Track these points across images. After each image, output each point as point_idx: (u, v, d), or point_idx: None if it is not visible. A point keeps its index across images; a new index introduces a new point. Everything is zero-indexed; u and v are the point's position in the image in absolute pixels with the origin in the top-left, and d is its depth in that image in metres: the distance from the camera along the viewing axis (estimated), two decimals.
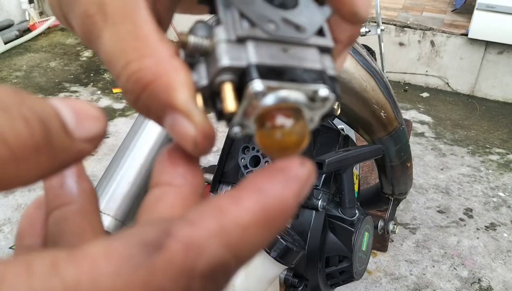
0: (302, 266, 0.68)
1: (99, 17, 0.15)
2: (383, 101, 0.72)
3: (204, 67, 0.16)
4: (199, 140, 0.15)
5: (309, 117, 0.16)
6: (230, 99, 0.15)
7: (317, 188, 0.70)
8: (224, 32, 0.16)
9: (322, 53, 0.17)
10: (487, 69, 2.58)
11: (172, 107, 0.15)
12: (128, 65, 0.15)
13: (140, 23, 0.15)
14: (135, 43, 0.15)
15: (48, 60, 2.85)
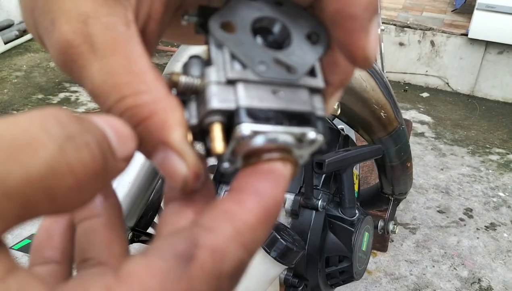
0: (302, 266, 0.68)
1: (85, 48, 0.15)
2: (383, 101, 0.72)
3: (195, 105, 0.17)
4: (190, 180, 0.16)
5: (298, 155, 0.17)
6: (218, 141, 0.16)
7: (317, 188, 0.70)
8: (215, 73, 0.16)
9: (312, 93, 0.17)
10: (487, 69, 2.58)
11: (166, 145, 0.15)
12: (123, 101, 0.15)
13: (134, 58, 0.15)
14: (129, 78, 0.15)
15: (48, 60, 2.85)
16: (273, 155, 0.16)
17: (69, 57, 0.15)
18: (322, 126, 0.17)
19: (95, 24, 0.15)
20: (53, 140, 0.11)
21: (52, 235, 0.18)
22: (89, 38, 0.15)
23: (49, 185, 0.11)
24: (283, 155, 0.16)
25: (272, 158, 0.16)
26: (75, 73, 0.16)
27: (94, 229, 0.17)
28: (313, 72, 0.17)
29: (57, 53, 0.15)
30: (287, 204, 0.68)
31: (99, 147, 0.12)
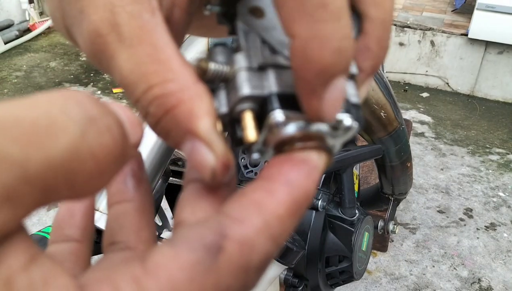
0: (302, 266, 0.68)
1: (113, 38, 0.15)
2: (383, 101, 0.72)
3: (224, 94, 0.16)
4: (218, 171, 0.15)
5: (331, 144, 0.16)
6: (250, 129, 0.15)
7: (317, 188, 0.70)
8: (245, 60, 0.16)
9: None
10: (487, 69, 2.58)
11: (194, 134, 0.15)
12: (150, 90, 0.15)
13: (160, 46, 0.15)
14: (156, 67, 0.15)
15: (48, 60, 2.85)
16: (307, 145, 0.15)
17: (97, 46, 0.15)
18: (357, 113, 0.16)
19: (120, 13, 0.15)
20: (74, 123, 0.11)
21: (74, 214, 0.18)
22: (116, 28, 0.15)
23: (70, 170, 0.11)
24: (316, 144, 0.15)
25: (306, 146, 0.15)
26: (104, 64, 0.15)
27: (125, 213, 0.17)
28: None
29: (86, 44, 0.15)
30: None
31: (119, 131, 0.12)
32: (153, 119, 0.15)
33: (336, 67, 0.14)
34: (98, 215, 0.61)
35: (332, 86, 0.14)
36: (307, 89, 0.14)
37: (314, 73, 0.14)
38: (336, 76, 0.14)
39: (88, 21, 0.15)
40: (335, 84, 0.14)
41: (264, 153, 0.16)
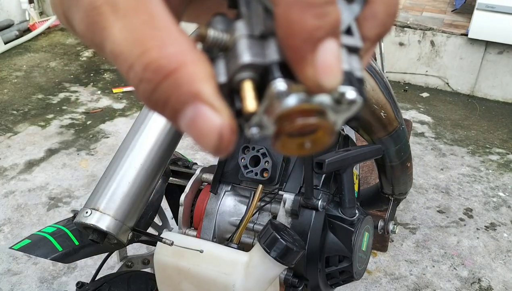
0: (302, 266, 0.68)
1: (107, 8, 0.14)
2: (383, 101, 0.72)
3: (223, 63, 0.15)
4: (226, 134, 0.14)
5: (333, 120, 0.15)
6: (250, 99, 0.14)
7: (317, 188, 0.70)
8: (246, 27, 0.15)
9: (349, 53, 0.15)
10: (487, 69, 2.58)
11: (198, 98, 0.14)
12: (146, 53, 0.14)
13: (157, 14, 0.14)
14: (154, 32, 0.14)
15: (48, 60, 2.85)
16: (309, 120, 0.14)
17: (91, 19, 0.14)
18: (360, 87, 0.15)
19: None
20: None
21: None
22: None
23: None
24: (317, 121, 0.14)
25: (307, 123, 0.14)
26: (97, 37, 0.15)
27: None
28: (349, 31, 0.16)
29: (81, 18, 0.15)
30: (287, 204, 0.68)
31: None
32: (149, 86, 0.14)
33: (321, 30, 0.14)
34: (98, 215, 0.61)
35: (322, 50, 0.14)
36: (297, 57, 0.14)
37: (300, 39, 0.14)
38: (323, 39, 0.14)
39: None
40: (325, 47, 0.14)
41: (264, 127, 0.15)
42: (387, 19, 0.17)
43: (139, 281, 0.75)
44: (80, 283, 0.73)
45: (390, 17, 0.17)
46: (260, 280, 0.60)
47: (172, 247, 0.62)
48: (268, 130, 0.15)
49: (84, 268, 1.35)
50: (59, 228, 0.65)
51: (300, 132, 0.15)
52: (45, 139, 2.03)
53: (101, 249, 0.67)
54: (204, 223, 0.73)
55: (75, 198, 1.67)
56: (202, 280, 0.61)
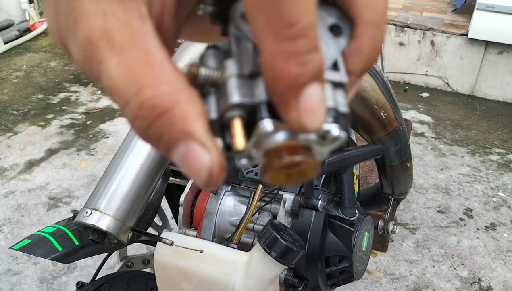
0: (302, 266, 0.68)
1: (104, 43, 0.15)
2: (383, 101, 0.72)
3: (214, 99, 0.16)
4: (215, 171, 0.15)
5: (318, 152, 0.16)
6: (239, 137, 0.15)
7: (317, 187, 0.70)
8: (236, 66, 0.16)
9: (335, 88, 0.16)
10: (487, 69, 2.58)
11: (190, 136, 0.15)
12: (142, 91, 0.14)
13: (152, 51, 0.15)
14: (148, 70, 0.15)
15: (48, 60, 2.85)
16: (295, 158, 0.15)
17: (88, 53, 0.15)
18: (345, 123, 0.16)
19: (112, 20, 0.15)
20: None
21: None
22: (107, 34, 0.15)
23: None
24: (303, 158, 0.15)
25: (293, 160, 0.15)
26: (94, 69, 0.15)
27: None
28: (336, 66, 0.17)
29: (78, 51, 0.15)
30: (287, 204, 0.68)
31: None
32: (144, 123, 0.15)
33: (304, 77, 0.14)
34: (98, 215, 0.61)
35: (305, 95, 0.14)
36: (281, 101, 0.15)
37: (283, 86, 0.14)
38: (306, 85, 0.14)
39: (82, 28, 0.15)
40: (308, 92, 0.14)
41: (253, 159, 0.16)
42: (372, 54, 0.17)
43: (139, 281, 0.75)
44: (80, 283, 0.73)
45: (374, 52, 0.17)
46: (260, 280, 0.60)
47: (172, 247, 0.62)
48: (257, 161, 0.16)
49: (84, 268, 1.35)
50: (59, 228, 0.65)
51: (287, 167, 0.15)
52: (45, 139, 2.04)
53: (101, 249, 0.67)
54: (204, 223, 0.73)
55: (75, 198, 1.67)
56: (202, 280, 0.61)
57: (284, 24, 0.14)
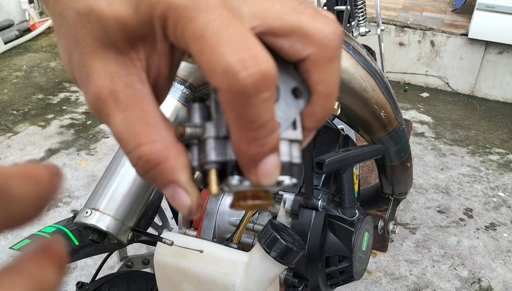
0: (302, 266, 0.67)
1: (111, 101, 0.19)
2: (383, 101, 0.72)
3: (196, 150, 0.21)
4: (193, 209, 0.20)
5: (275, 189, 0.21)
6: (214, 184, 0.20)
7: (317, 187, 0.70)
8: (214, 129, 0.20)
9: (291, 143, 0.21)
10: (487, 69, 2.57)
11: (175, 184, 0.20)
12: (140, 147, 0.19)
13: (149, 111, 0.19)
14: (145, 129, 0.19)
15: (48, 60, 2.85)
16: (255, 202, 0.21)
17: (98, 106, 0.19)
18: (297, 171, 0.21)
19: (118, 82, 0.19)
20: None
21: None
22: (114, 93, 0.19)
23: None
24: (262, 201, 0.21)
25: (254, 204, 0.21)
26: (103, 119, 0.20)
27: None
28: (294, 124, 0.21)
29: (90, 101, 0.20)
30: (287, 204, 0.68)
31: None
32: (142, 170, 0.19)
33: (262, 154, 0.19)
34: (98, 215, 0.61)
35: (262, 165, 0.19)
36: (244, 169, 0.20)
37: (245, 159, 0.19)
38: (263, 158, 0.19)
39: (93, 85, 0.19)
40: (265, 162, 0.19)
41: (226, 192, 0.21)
42: (323, 116, 0.22)
43: (139, 281, 0.75)
44: (80, 283, 0.73)
45: (325, 115, 0.21)
46: (260, 280, 0.60)
47: (172, 247, 0.62)
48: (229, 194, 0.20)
49: (84, 268, 1.35)
50: (59, 228, 0.65)
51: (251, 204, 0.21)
52: (45, 140, 2.03)
53: (101, 249, 0.67)
54: (204, 223, 0.73)
55: (75, 198, 1.67)
56: (202, 280, 0.61)
57: (247, 121, 0.18)
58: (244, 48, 0.17)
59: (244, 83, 0.17)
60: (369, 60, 0.70)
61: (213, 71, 0.17)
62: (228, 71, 0.17)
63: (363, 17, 1.30)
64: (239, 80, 0.17)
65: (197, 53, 0.17)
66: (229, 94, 0.17)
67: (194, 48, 0.18)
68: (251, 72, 0.17)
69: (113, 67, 0.19)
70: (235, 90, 0.17)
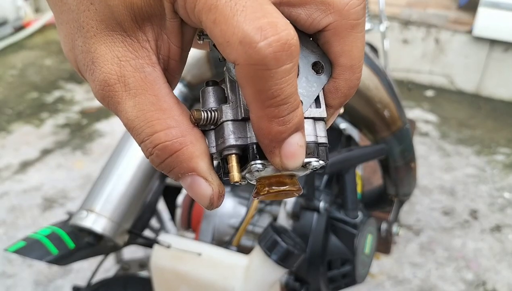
0: (303, 269, 0.66)
1: (120, 87, 0.18)
2: (386, 100, 0.70)
3: (213, 136, 0.20)
4: (215, 200, 0.19)
5: (302, 173, 0.20)
6: (234, 171, 0.19)
7: (319, 189, 0.68)
8: (231, 112, 0.19)
9: (316, 121, 0.20)
10: (492, 68, 2.55)
11: (194, 171, 0.19)
12: (155, 135, 0.18)
13: (161, 95, 0.18)
14: (159, 114, 0.18)
15: (43, 58, 2.84)
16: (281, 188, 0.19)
17: (106, 93, 0.18)
18: (323, 151, 0.20)
19: (126, 66, 0.18)
20: None
21: None
22: (122, 79, 0.18)
23: None
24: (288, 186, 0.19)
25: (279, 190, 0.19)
26: (112, 107, 0.19)
27: None
28: (317, 101, 0.20)
29: (97, 89, 0.19)
30: (288, 205, 0.66)
31: None
32: (158, 159, 0.19)
33: (286, 133, 0.18)
34: (94, 217, 0.59)
35: (286, 145, 0.18)
36: (267, 151, 0.18)
37: (267, 140, 0.18)
38: (287, 138, 0.18)
39: (100, 71, 0.18)
40: (289, 142, 0.18)
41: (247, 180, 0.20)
42: (348, 91, 0.20)
43: (136, 285, 0.74)
44: (76, 287, 0.71)
45: (350, 90, 0.20)
46: (260, 283, 0.58)
47: (169, 250, 0.61)
48: (251, 181, 0.20)
49: (80, 271, 1.33)
50: (55, 229, 0.63)
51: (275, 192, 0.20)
52: (40, 139, 2.02)
53: (97, 252, 0.65)
54: (202, 225, 0.72)
55: (70, 199, 1.65)
56: (200, 284, 0.60)
57: (268, 96, 0.16)
58: (261, 16, 0.15)
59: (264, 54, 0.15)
60: (373, 58, 0.68)
61: (229, 43, 0.16)
62: (245, 41, 0.15)
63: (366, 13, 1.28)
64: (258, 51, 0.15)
65: (211, 25, 0.16)
66: (248, 68, 0.16)
67: (207, 20, 0.16)
68: (271, 42, 0.15)
69: (120, 51, 0.18)
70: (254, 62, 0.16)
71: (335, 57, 0.19)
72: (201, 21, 0.16)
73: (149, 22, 0.18)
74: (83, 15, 0.18)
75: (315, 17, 0.18)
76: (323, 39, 0.19)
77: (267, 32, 0.15)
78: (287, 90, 0.16)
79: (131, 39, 0.18)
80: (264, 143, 0.18)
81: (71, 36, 0.19)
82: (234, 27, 0.15)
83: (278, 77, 0.16)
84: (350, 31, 0.18)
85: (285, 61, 0.16)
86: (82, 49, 0.18)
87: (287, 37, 0.15)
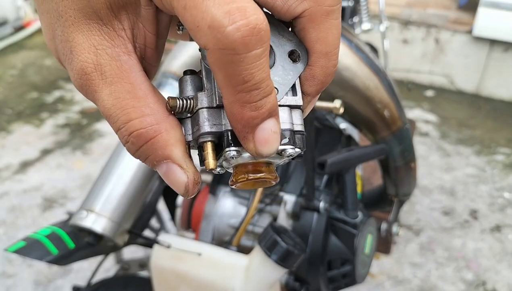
0: (303, 269, 0.66)
1: (96, 76, 0.18)
2: (386, 100, 0.70)
3: (189, 124, 0.20)
4: (190, 187, 0.19)
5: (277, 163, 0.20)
6: (210, 158, 0.19)
7: (319, 189, 0.68)
8: (206, 99, 0.19)
9: (292, 109, 0.20)
10: (492, 68, 2.55)
11: (169, 159, 0.19)
12: (130, 123, 0.18)
13: (137, 83, 0.18)
14: (135, 102, 0.18)
15: (43, 58, 2.84)
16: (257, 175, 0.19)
17: (84, 82, 0.19)
18: (300, 139, 0.20)
19: (102, 55, 0.18)
20: None
21: None
22: (99, 67, 0.18)
23: None
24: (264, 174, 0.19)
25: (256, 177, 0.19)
26: (89, 96, 0.19)
27: None
28: (293, 89, 0.20)
29: (75, 77, 0.19)
30: (288, 205, 0.66)
31: None
32: (134, 147, 0.19)
33: (258, 119, 0.17)
34: (94, 217, 0.59)
35: (260, 130, 0.18)
36: (240, 136, 0.18)
37: (240, 125, 0.18)
38: (260, 123, 0.18)
39: (77, 60, 0.18)
40: (263, 127, 0.18)
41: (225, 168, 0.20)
42: (324, 79, 0.20)
43: (136, 286, 0.74)
44: (76, 287, 0.71)
45: (327, 77, 0.20)
46: (260, 283, 0.58)
47: (169, 250, 0.61)
48: (228, 169, 0.20)
49: (80, 271, 1.33)
50: (55, 229, 0.63)
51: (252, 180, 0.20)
52: (40, 139, 2.02)
53: (97, 251, 0.65)
54: (202, 225, 0.71)
55: (70, 199, 1.65)
56: (200, 284, 0.60)
57: (239, 81, 0.16)
58: (230, 1, 0.15)
59: (233, 38, 0.15)
60: (372, 58, 0.68)
61: (198, 28, 0.16)
62: (213, 26, 0.15)
63: (366, 13, 1.28)
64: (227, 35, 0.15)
65: (182, 11, 0.16)
66: (218, 52, 0.16)
67: (179, 6, 0.16)
68: (239, 26, 0.15)
69: (97, 40, 0.18)
70: (223, 46, 0.15)
71: (310, 44, 0.19)
72: (173, 7, 0.16)
73: (125, 10, 0.18)
74: (61, 4, 0.18)
75: (291, 4, 0.18)
76: (299, 26, 0.19)
77: (236, 17, 0.15)
78: (258, 76, 0.16)
79: (107, 28, 0.18)
80: (237, 129, 0.18)
81: (52, 26, 0.19)
82: (203, 12, 0.15)
83: (248, 62, 0.16)
84: (326, 18, 0.18)
85: (255, 46, 0.16)
86: (61, 38, 0.19)
87: (256, 21, 0.15)
